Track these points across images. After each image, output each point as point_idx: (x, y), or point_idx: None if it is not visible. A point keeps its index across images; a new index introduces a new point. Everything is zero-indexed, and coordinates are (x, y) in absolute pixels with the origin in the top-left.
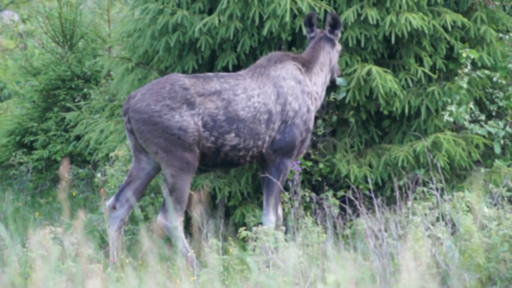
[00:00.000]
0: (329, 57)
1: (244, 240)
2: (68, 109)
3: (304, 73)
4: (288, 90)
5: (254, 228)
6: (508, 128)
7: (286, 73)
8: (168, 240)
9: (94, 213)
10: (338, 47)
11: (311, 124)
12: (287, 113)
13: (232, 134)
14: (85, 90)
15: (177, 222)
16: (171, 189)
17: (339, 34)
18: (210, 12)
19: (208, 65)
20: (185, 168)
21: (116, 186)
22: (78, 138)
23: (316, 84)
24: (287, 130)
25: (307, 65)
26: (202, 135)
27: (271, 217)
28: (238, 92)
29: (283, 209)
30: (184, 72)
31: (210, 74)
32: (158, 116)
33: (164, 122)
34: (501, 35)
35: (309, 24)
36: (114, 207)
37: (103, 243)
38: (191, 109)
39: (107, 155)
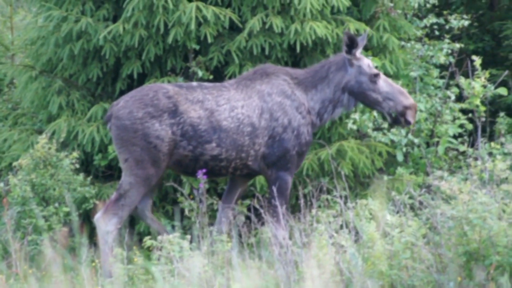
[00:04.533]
0: (342, 74)
1: (149, 249)
2: None
3: (295, 87)
4: (274, 106)
5: (159, 237)
6: (410, 136)
7: (271, 88)
8: (72, 250)
9: None
10: (365, 69)
11: (303, 138)
12: (274, 128)
13: (213, 144)
14: None
15: (113, 227)
16: (123, 195)
17: (357, 54)
18: (114, 20)
19: (113, 72)
20: (146, 181)
21: (20, 196)
22: None
23: (313, 99)
24: (276, 144)
25: (301, 80)
26: (178, 144)
27: (280, 231)
28: (221, 103)
29: (191, 217)
30: (88, 80)
31: (193, 84)
32: (140, 123)
33: (144, 130)
34: (403, 43)
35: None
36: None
37: (5, 254)
38: (172, 118)
39: (10, 164)
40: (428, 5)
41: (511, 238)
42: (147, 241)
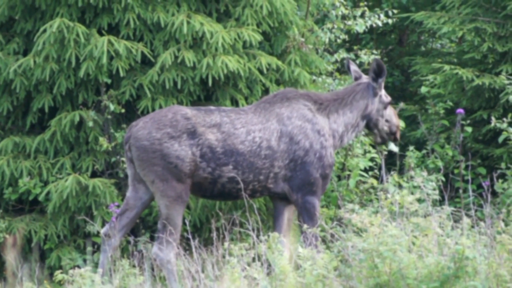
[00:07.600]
0: (366, 103)
1: (60, 283)
2: None
3: (316, 111)
4: (294, 130)
5: (70, 271)
6: None
7: (291, 112)
8: None
9: None
10: (384, 98)
11: (326, 160)
12: (295, 152)
13: (230, 167)
14: None
15: (171, 255)
16: (165, 219)
17: (382, 83)
18: (25, 53)
19: (24, 106)
20: (179, 199)
21: None
22: None
23: (336, 123)
24: (299, 168)
25: (324, 104)
26: (198, 165)
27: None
28: (237, 126)
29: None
30: None
31: (212, 107)
32: (159, 144)
33: (163, 150)
34: (314, 77)
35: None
36: (109, 236)
37: None
38: (191, 138)
39: None
40: (338, 41)
41: (420, 271)
42: (58, 275)
